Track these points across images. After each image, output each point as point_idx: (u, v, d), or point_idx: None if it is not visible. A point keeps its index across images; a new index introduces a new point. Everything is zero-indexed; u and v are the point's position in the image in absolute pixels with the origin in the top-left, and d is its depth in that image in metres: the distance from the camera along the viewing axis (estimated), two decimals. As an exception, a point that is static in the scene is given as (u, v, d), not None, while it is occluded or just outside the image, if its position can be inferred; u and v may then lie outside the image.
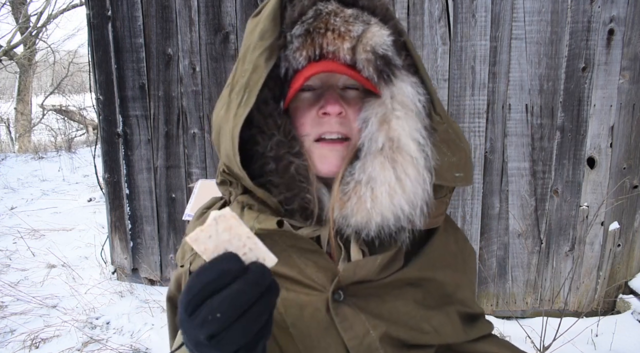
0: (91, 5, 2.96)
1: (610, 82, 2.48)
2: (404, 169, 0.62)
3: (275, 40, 0.63)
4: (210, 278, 0.45)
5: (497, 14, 2.48)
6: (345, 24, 0.62)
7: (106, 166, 3.15)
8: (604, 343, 2.40)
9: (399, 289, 0.68)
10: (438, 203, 0.68)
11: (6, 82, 16.20)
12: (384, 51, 0.62)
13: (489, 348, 0.76)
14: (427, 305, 0.70)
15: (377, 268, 0.65)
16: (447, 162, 0.65)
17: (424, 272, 0.70)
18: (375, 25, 0.63)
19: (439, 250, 0.73)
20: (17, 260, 3.80)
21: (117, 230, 3.22)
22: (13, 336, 2.67)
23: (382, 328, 0.65)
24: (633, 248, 2.66)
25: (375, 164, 0.62)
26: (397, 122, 0.62)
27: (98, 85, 3.05)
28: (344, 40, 0.62)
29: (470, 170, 0.69)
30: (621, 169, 2.56)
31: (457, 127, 0.69)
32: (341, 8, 0.63)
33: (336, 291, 0.65)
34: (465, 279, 0.77)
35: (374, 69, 0.62)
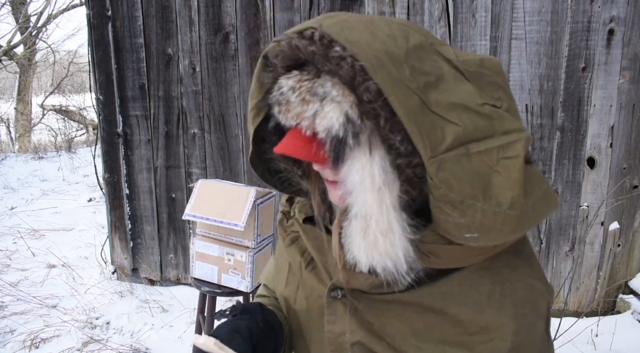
0: (91, 5, 2.96)
1: (610, 82, 2.48)
2: (373, 240, 0.62)
3: (260, 101, 0.68)
4: None
5: (497, 14, 2.48)
6: (301, 103, 0.61)
7: (106, 166, 3.15)
8: (604, 343, 2.40)
9: (401, 311, 0.69)
10: (461, 250, 0.64)
11: (6, 82, 16.19)
12: (335, 133, 0.59)
13: None
14: (424, 337, 0.69)
15: (369, 285, 0.69)
16: (451, 222, 0.59)
17: (431, 301, 0.68)
18: (329, 103, 0.59)
19: (463, 286, 0.68)
20: (17, 260, 3.80)
21: (117, 230, 3.22)
22: (13, 336, 2.67)
23: (358, 337, 0.71)
24: (633, 248, 2.66)
25: (353, 225, 0.64)
26: (363, 198, 0.61)
27: (98, 85, 3.05)
28: (301, 118, 0.62)
29: (489, 230, 0.60)
30: (621, 169, 2.56)
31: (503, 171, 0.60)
32: (301, 80, 0.62)
33: (334, 289, 0.72)
34: (499, 325, 0.67)
35: (328, 150, 0.61)
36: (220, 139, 2.93)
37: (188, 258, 3.12)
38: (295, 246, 0.81)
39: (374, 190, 0.60)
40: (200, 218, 1.82)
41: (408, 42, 0.60)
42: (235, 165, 2.95)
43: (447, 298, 0.67)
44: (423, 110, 0.57)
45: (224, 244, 1.88)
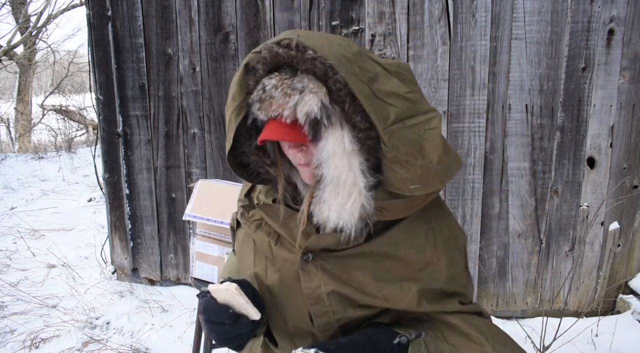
0: (91, 5, 2.96)
1: (610, 82, 2.48)
2: (344, 196, 0.82)
3: (242, 101, 0.86)
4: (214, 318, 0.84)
5: (497, 14, 2.48)
6: (284, 96, 0.79)
7: (106, 166, 3.15)
8: (604, 343, 2.40)
9: (362, 261, 0.89)
10: (407, 201, 0.86)
11: (6, 82, 16.19)
12: (314, 115, 0.78)
13: (455, 321, 0.90)
14: (383, 278, 0.89)
15: (336, 241, 0.88)
16: (400, 178, 0.81)
17: (386, 248, 0.89)
18: (308, 93, 0.78)
19: (407, 233, 0.90)
20: (17, 260, 3.80)
21: (117, 230, 3.22)
22: (13, 336, 2.67)
23: (331, 286, 0.89)
24: (633, 248, 2.66)
25: (327, 189, 0.83)
26: (335, 164, 0.80)
27: (98, 85, 3.05)
28: (284, 109, 0.80)
29: (429, 182, 0.83)
30: (621, 169, 2.56)
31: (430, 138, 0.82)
32: (282, 79, 0.80)
33: (305, 253, 0.89)
34: (435, 260, 0.91)
35: (308, 130, 0.79)
36: (220, 139, 2.93)
37: (188, 258, 3.12)
38: (260, 230, 0.97)
39: (344, 156, 0.80)
40: (201, 218, 1.82)
41: (352, 48, 0.81)
42: (235, 165, 2.94)
43: (397, 244, 0.89)
44: (372, 96, 0.79)
45: (224, 244, 1.88)
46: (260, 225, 0.97)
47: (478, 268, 2.71)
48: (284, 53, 0.80)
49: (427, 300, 0.91)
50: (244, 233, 1.02)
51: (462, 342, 0.88)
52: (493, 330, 0.92)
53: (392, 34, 2.58)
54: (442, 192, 2.67)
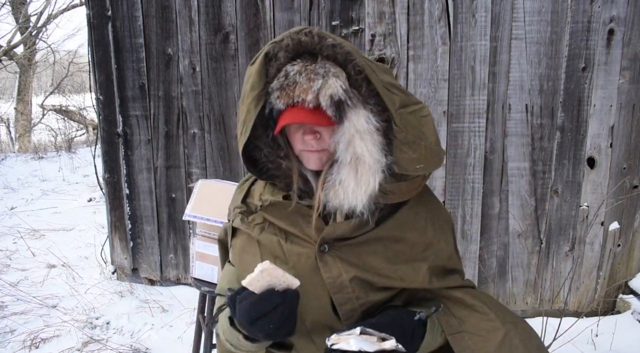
0: (91, 5, 2.96)
1: (610, 82, 2.48)
2: (361, 175, 0.86)
3: (262, 90, 0.88)
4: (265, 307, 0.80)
5: (497, 14, 2.48)
6: (308, 81, 0.84)
7: (106, 166, 3.15)
8: (604, 343, 2.40)
9: (373, 247, 0.94)
10: (409, 183, 0.93)
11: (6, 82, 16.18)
12: (338, 97, 0.83)
13: (460, 295, 0.98)
14: (395, 261, 0.94)
15: (351, 228, 0.92)
16: (407, 158, 0.88)
17: (393, 232, 0.95)
18: (332, 77, 0.84)
19: (409, 216, 0.97)
20: (17, 260, 3.80)
21: (117, 230, 3.22)
22: (13, 336, 2.67)
23: (352, 273, 0.92)
24: (633, 248, 2.66)
25: (345, 171, 0.87)
26: (357, 143, 0.85)
27: (98, 85, 3.05)
28: (307, 93, 0.84)
29: (432, 161, 0.91)
30: (621, 169, 2.56)
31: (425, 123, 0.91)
32: (305, 65, 0.85)
33: (322, 244, 0.93)
34: (436, 241, 0.99)
35: (332, 111, 0.84)
36: (220, 139, 2.93)
37: (188, 258, 3.12)
38: (266, 232, 0.98)
39: (366, 135, 0.84)
40: (201, 218, 1.82)
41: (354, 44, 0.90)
42: (235, 165, 2.95)
43: (402, 227, 0.96)
44: (381, 84, 0.87)
45: (224, 244, 1.88)
46: (264, 228, 0.99)
47: (478, 268, 2.71)
48: (307, 40, 0.85)
49: (436, 277, 0.98)
50: (244, 239, 1.02)
51: (468, 313, 0.96)
52: (492, 300, 1.00)
53: (392, 34, 2.58)
54: (442, 192, 2.67)
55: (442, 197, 2.67)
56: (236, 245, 1.05)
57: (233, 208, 1.08)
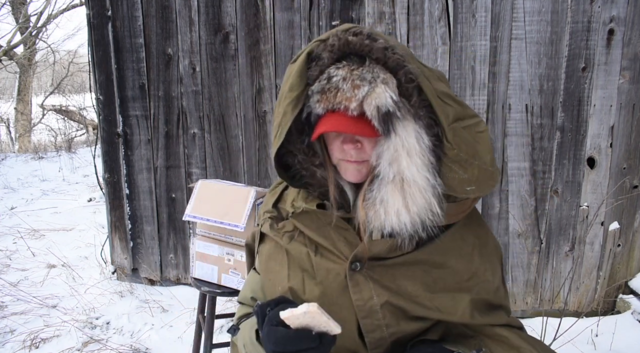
0: (91, 5, 2.96)
1: (610, 82, 2.48)
2: (411, 197, 0.77)
3: (301, 93, 0.80)
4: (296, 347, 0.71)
5: (497, 14, 2.48)
6: (352, 88, 0.75)
7: (106, 166, 3.15)
8: (604, 343, 2.40)
9: (411, 271, 0.84)
10: (457, 204, 0.84)
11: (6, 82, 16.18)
12: (386, 109, 0.74)
13: (506, 333, 0.87)
14: (434, 288, 0.84)
15: (388, 248, 0.83)
16: (457, 178, 0.78)
17: (435, 256, 0.84)
18: (380, 85, 0.74)
19: (456, 241, 0.87)
20: (17, 260, 3.80)
21: (117, 230, 3.22)
22: (13, 336, 2.67)
23: (385, 297, 0.82)
24: (633, 248, 2.66)
25: (388, 189, 0.78)
26: (404, 163, 0.75)
27: (98, 85, 3.05)
28: (351, 101, 0.75)
29: (484, 182, 0.81)
30: (621, 169, 2.56)
31: (481, 140, 0.81)
32: (351, 70, 0.76)
33: (354, 262, 0.83)
34: (483, 270, 0.89)
35: (378, 123, 0.75)
36: (220, 139, 2.93)
37: (188, 258, 3.12)
38: (296, 242, 0.90)
39: (415, 153, 0.75)
40: (201, 219, 1.82)
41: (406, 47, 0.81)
42: (235, 165, 2.95)
43: (446, 252, 0.85)
44: (434, 93, 0.76)
45: (224, 244, 1.88)
46: (294, 237, 0.91)
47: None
48: (355, 40, 0.77)
49: (479, 311, 0.87)
50: (272, 246, 0.94)
51: None
52: (540, 344, 0.88)
53: (392, 34, 2.58)
54: (442, 192, 2.67)
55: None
56: (263, 252, 0.97)
57: (263, 212, 1.00)
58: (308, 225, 0.89)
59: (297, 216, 0.91)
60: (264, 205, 1.02)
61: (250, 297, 0.97)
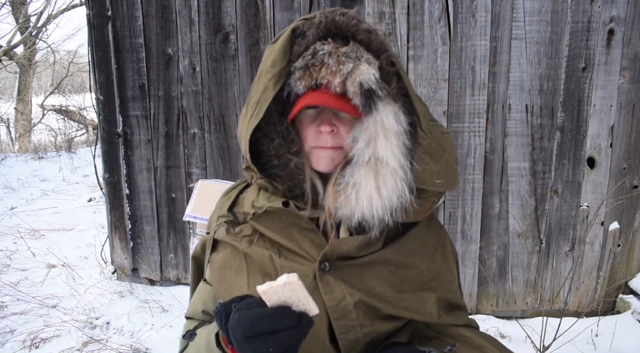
0: (91, 5, 2.96)
1: (610, 82, 2.48)
2: (383, 179, 0.76)
3: (283, 69, 0.78)
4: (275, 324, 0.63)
5: (497, 14, 2.48)
6: (337, 63, 0.75)
7: (106, 166, 3.15)
8: (604, 343, 2.40)
9: (378, 270, 0.82)
10: (422, 202, 0.83)
11: (6, 82, 16.19)
12: (369, 86, 0.74)
13: (469, 334, 0.86)
14: (400, 288, 0.83)
15: (357, 246, 0.80)
16: (428, 170, 0.79)
17: (401, 256, 0.84)
18: (364, 63, 0.75)
19: (418, 241, 0.87)
20: (17, 260, 3.80)
21: (117, 230, 3.22)
22: (13, 336, 2.67)
23: (357, 296, 0.79)
24: (633, 248, 2.66)
25: (362, 172, 0.77)
26: (380, 142, 0.75)
27: (98, 85, 3.05)
28: (335, 76, 0.75)
29: (451, 178, 0.83)
30: (621, 169, 2.56)
31: (446, 140, 0.83)
32: (337, 46, 0.76)
33: (322, 262, 0.80)
34: (444, 271, 0.89)
35: (360, 100, 0.75)
36: (220, 139, 2.93)
37: (188, 259, 3.12)
38: (256, 245, 0.85)
39: (392, 134, 0.75)
40: (201, 219, 1.82)
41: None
42: (235, 165, 2.95)
43: (411, 252, 0.85)
44: (410, 83, 0.79)
45: (224, 244, 1.88)
46: (253, 240, 0.85)
47: (478, 268, 2.71)
48: (342, 20, 0.77)
49: (444, 311, 0.87)
50: (227, 254, 0.87)
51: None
52: (498, 343, 0.88)
53: (392, 34, 2.58)
54: (442, 192, 2.67)
55: (442, 197, 2.67)
56: (216, 261, 0.89)
57: (217, 217, 0.93)
58: (270, 227, 0.83)
59: (257, 218, 0.84)
60: (218, 210, 0.95)
61: (201, 311, 0.89)
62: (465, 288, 2.75)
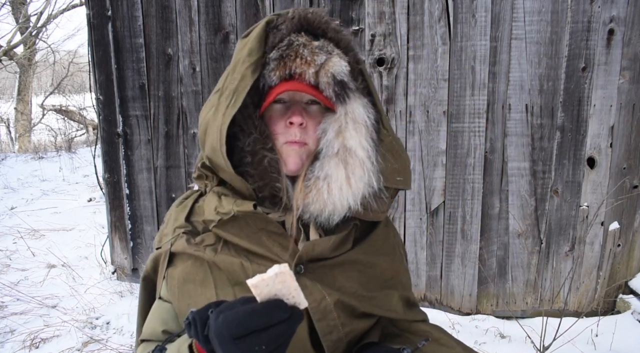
0: (91, 5, 2.96)
1: (610, 82, 2.48)
2: (352, 169, 0.78)
3: (260, 58, 0.79)
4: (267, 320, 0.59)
5: (497, 14, 2.48)
6: (311, 54, 0.77)
7: (106, 166, 3.15)
8: (604, 343, 2.40)
9: (348, 271, 0.83)
10: (382, 201, 0.84)
11: (6, 82, 16.20)
12: (341, 77, 0.77)
13: (428, 328, 0.91)
14: (369, 287, 0.85)
15: (331, 246, 0.80)
16: (390, 167, 0.82)
17: (368, 256, 0.86)
18: (336, 56, 0.79)
19: (381, 240, 0.89)
20: (17, 260, 3.80)
21: (117, 230, 3.22)
22: (13, 336, 2.67)
23: (336, 296, 0.80)
24: (633, 248, 2.66)
25: (332, 163, 0.79)
26: (349, 133, 0.78)
27: (98, 85, 3.05)
28: (309, 66, 0.77)
29: (408, 177, 0.87)
30: (621, 169, 2.56)
31: (400, 142, 0.88)
32: (310, 40, 0.79)
33: (298, 265, 0.79)
34: (402, 269, 0.93)
35: (332, 91, 0.78)
36: (220, 139, 2.93)
37: (188, 258, 3.12)
38: (222, 253, 0.80)
39: (362, 126, 0.79)
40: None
41: None
42: (235, 165, 2.95)
43: (375, 252, 0.87)
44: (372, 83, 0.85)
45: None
46: (217, 249, 0.80)
47: (478, 268, 2.71)
48: (314, 18, 0.81)
49: (406, 307, 0.91)
50: (188, 266, 0.82)
51: (437, 348, 0.86)
52: (451, 335, 0.92)
53: (392, 34, 2.58)
54: (442, 192, 2.67)
55: (442, 197, 2.68)
56: (174, 276, 0.82)
57: (173, 229, 0.86)
58: (236, 233, 0.79)
59: (222, 225, 0.80)
60: (172, 222, 0.88)
61: (161, 331, 0.82)
62: (465, 288, 2.76)
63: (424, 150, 2.66)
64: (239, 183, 0.80)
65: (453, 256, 2.74)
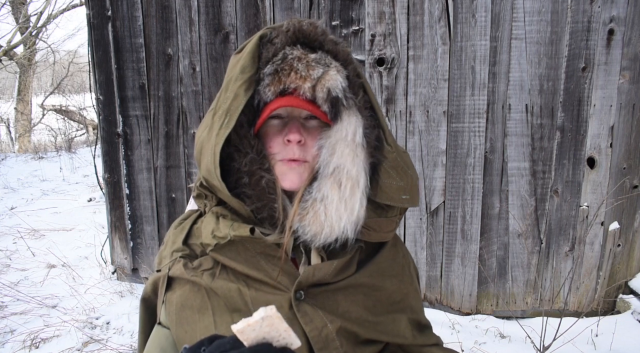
0: (91, 5, 2.96)
1: (610, 82, 2.48)
2: (347, 190, 0.75)
3: (253, 75, 0.76)
4: None
5: (497, 14, 2.48)
6: (307, 68, 0.74)
7: (106, 166, 3.15)
8: (604, 343, 2.40)
9: (353, 295, 0.79)
10: (388, 221, 0.82)
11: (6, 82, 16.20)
12: (336, 93, 0.74)
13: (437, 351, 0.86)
14: (375, 312, 0.81)
15: (333, 271, 0.77)
16: (395, 185, 0.79)
17: (374, 279, 0.82)
18: (333, 69, 0.75)
19: (388, 262, 0.85)
20: (17, 260, 3.80)
21: (117, 230, 3.22)
22: (13, 336, 2.67)
23: (338, 323, 0.76)
24: (633, 248, 2.66)
25: (327, 184, 0.75)
26: (343, 152, 0.75)
27: (98, 85, 3.05)
28: (305, 81, 0.74)
29: (416, 194, 0.82)
30: (621, 169, 2.56)
31: (407, 157, 0.83)
32: (305, 53, 0.75)
33: (297, 291, 0.76)
34: (412, 290, 0.88)
35: (328, 106, 0.75)
36: (220, 139, 2.93)
37: (188, 258, 3.12)
38: (219, 279, 0.77)
39: (353, 146, 0.75)
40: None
41: None
42: (235, 165, 2.95)
43: (382, 274, 0.83)
44: (375, 97, 0.80)
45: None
46: (215, 274, 0.78)
47: (478, 268, 2.71)
48: (310, 29, 0.77)
49: (417, 331, 0.86)
50: (185, 292, 0.79)
51: None
52: None
53: (392, 34, 2.58)
54: (442, 192, 2.67)
55: (442, 197, 2.68)
56: (172, 301, 0.80)
57: (171, 252, 0.84)
58: (234, 257, 0.77)
59: (219, 249, 0.77)
60: (170, 245, 0.86)
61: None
62: (465, 288, 2.76)
63: (424, 150, 2.66)
64: (237, 205, 0.77)
65: (453, 256, 2.74)
